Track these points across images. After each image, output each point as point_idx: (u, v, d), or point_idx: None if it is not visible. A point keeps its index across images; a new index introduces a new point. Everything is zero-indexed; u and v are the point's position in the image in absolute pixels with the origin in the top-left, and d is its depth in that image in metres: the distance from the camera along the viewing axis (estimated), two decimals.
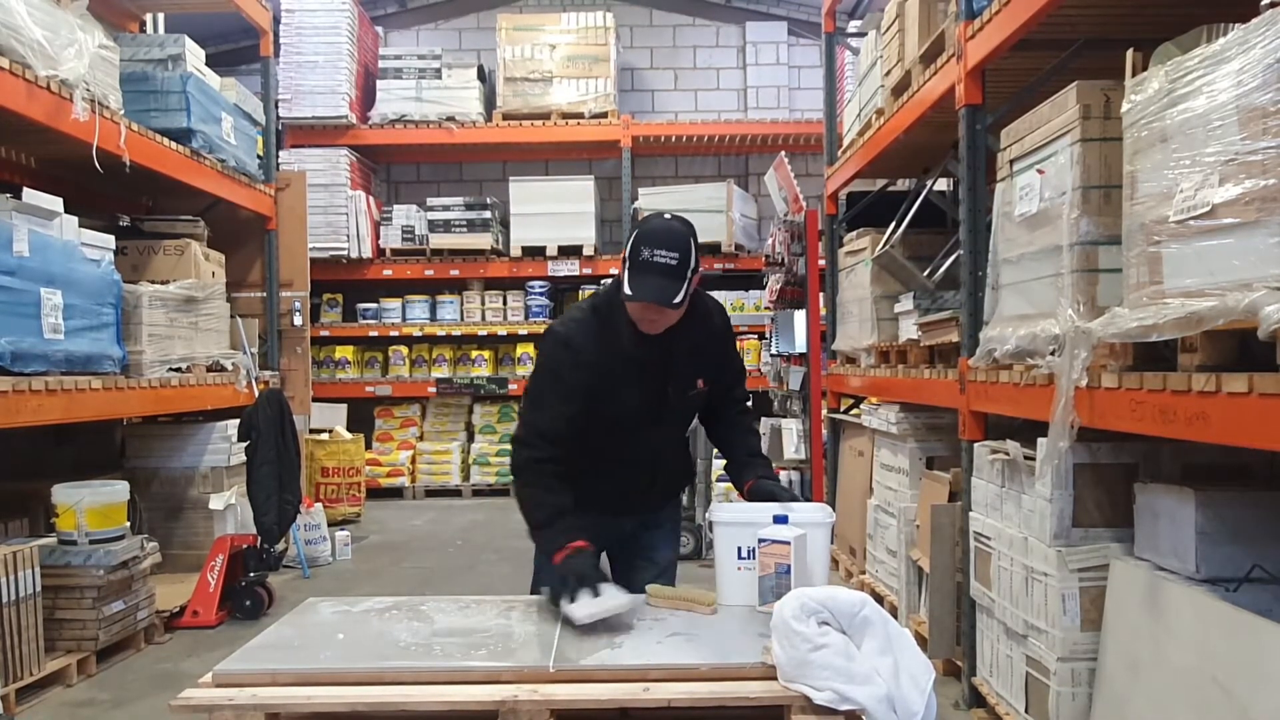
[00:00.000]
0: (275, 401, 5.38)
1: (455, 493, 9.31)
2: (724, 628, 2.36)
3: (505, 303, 9.56)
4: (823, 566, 2.52)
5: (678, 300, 2.39)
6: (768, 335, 7.21)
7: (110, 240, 4.71)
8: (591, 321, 2.56)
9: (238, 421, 5.37)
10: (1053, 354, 2.81)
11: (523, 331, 9.42)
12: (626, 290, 2.41)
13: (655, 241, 2.39)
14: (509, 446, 2.68)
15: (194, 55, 5.69)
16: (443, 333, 9.49)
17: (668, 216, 2.50)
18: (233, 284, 6.32)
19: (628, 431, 2.63)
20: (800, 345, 6.35)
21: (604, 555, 2.86)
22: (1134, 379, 2.43)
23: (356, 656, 2.20)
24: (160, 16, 7.12)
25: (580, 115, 9.32)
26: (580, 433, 2.56)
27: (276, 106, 7.58)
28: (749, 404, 2.92)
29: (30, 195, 4.14)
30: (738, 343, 2.89)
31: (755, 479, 2.71)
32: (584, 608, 2.26)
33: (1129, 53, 2.58)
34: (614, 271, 9.87)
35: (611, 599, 2.30)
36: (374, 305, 9.56)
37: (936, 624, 3.89)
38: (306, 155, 8.92)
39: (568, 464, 2.57)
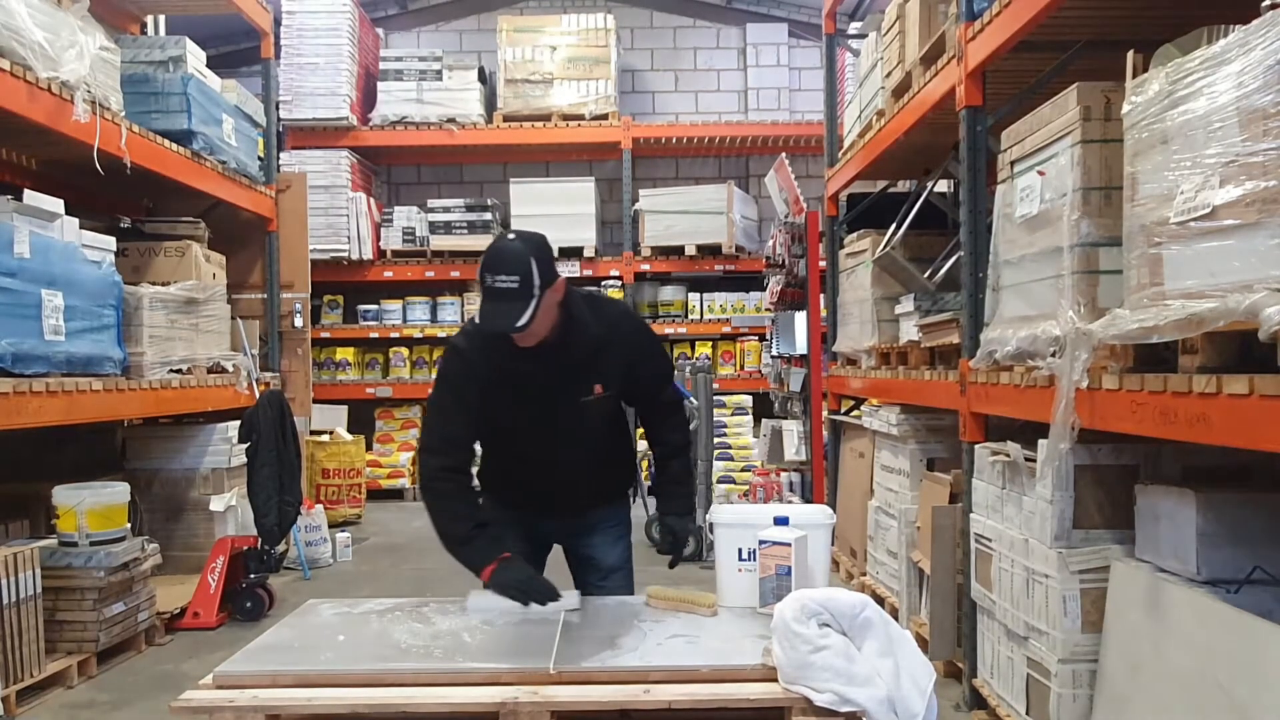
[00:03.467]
0: (276, 403, 5.38)
1: None
2: (724, 629, 2.36)
3: None
4: (823, 568, 2.53)
5: (521, 324, 2.36)
6: (768, 337, 7.21)
7: (111, 242, 4.72)
8: (478, 333, 2.57)
9: (238, 423, 5.37)
10: (1053, 355, 2.81)
11: None
12: (476, 319, 2.45)
13: (493, 266, 2.38)
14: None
15: (195, 57, 5.69)
16: (444, 334, 9.48)
17: (510, 236, 2.51)
18: (233, 285, 6.31)
19: (527, 439, 2.69)
20: (801, 347, 6.35)
21: (558, 549, 2.95)
22: (1135, 380, 2.43)
23: (357, 658, 2.21)
24: (161, 18, 7.12)
25: (581, 117, 9.32)
26: (487, 439, 2.71)
27: (277, 108, 7.58)
28: (679, 405, 2.92)
29: (31, 197, 4.14)
30: (663, 344, 2.89)
31: (663, 515, 2.83)
32: (555, 609, 2.48)
33: (1129, 54, 2.58)
34: (614, 273, 9.85)
35: (568, 599, 2.52)
36: (375, 307, 9.55)
37: (937, 626, 3.89)
38: (307, 157, 8.91)
39: (489, 467, 2.78)
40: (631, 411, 2.94)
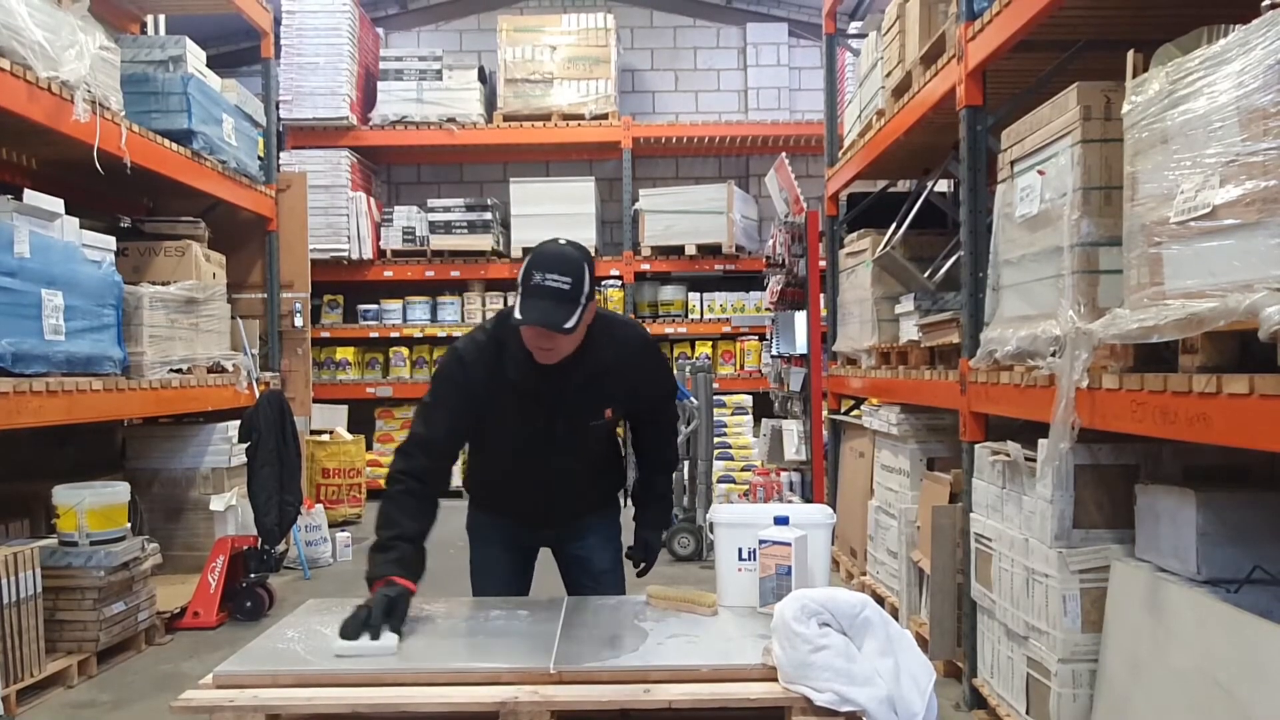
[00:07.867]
0: (276, 402, 5.38)
1: (456, 494, 9.16)
2: (724, 629, 2.36)
3: (506, 304, 9.50)
4: (823, 568, 2.53)
5: (569, 325, 2.30)
6: (768, 336, 7.21)
7: (111, 241, 4.72)
8: (489, 344, 2.50)
9: (238, 423, 5.37)
10: (1053, 355, 2.81)
11: None
12: (516, 315, 2.32)
13: (546, 265, 2.31)
14: None
15: (195, 56, 5.70)
16: (444, 334, 9.48)
17: (563, 242, 2.41)
18: (233, 285, 6.32)
19: (523, 455, 2.63)
20: (801, 346, 6.35)
21: (547, 553, 2.93)
22: (1135, 380, 2.43)
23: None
24: (161, 18, 7.13)
25: (581, 116, 9.31)
26: (479, 450, 2.71)
27: (277, 108, 7.58)
28: (675, 423, 3.02)
29: (31, 196, 4.14)
30: (670, 364, 2.97)
31: (639, 527, 2.88)
32: (348, 648, 2.16)
33: (1130, 54, 2.58)
34: (614, 272, 9.86)
35: (380, 644, 2.18)
36: (375, 306, 9.55)
37: (937, 625, 3.89)
38: (307, 156, 8.91)
39: (478, 478, 2.80)
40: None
